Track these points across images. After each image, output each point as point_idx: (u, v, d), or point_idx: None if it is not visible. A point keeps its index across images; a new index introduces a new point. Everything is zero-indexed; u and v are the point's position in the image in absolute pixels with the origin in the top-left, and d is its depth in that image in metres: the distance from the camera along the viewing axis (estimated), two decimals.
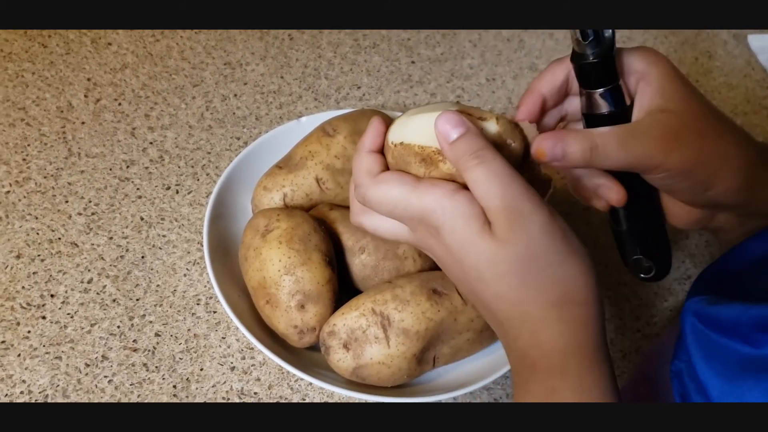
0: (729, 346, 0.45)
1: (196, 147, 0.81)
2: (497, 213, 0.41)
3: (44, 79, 0.85)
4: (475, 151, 0.42)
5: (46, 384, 0.61)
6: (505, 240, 0.41)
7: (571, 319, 0.42)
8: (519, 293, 0.42)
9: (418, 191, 0.44)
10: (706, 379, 0.46)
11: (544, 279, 0.42)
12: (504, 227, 0.41)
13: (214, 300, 0.68)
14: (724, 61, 1.01)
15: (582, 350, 0.42)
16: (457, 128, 0.43)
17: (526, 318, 0.43)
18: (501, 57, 0.97)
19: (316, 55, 0.94)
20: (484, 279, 0.43)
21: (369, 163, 0.47)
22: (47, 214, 0.72)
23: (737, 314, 0.45)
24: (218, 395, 0.62)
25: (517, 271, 0.42)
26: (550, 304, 0.42)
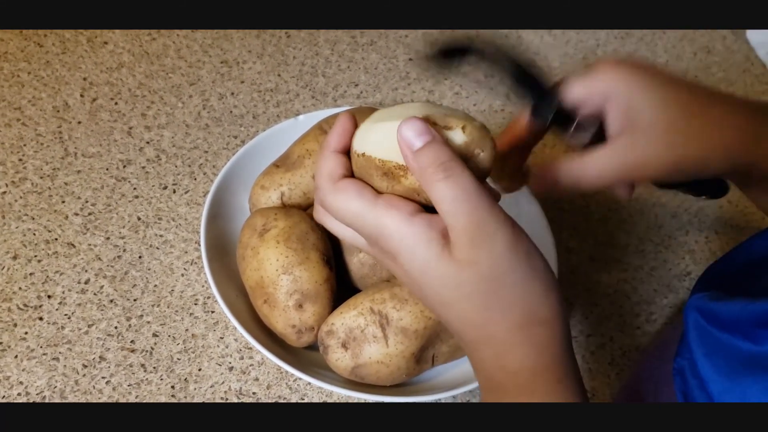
0: (730, 342, 0.45)
1: (193, 146, 0.80)
2: (460, 233, 0.40)
3: (40, 78, 0.85)
4: (441, 163, 0.40)
5: (44, 385, 0.61)
6: (467, 261, 0.40)
7: (535, 339, 0.41)
8: (482, 315, 0.41)
9: (376, 210, 0.42)
10: (707, 375, 0.46)
11: (508, 299, 0.41)
12: (466, 248, 0.40)
13: (212, 300, 0.68)
14: (723, 56, 1.00)
15: (549, 369, 0.42)
16: (422, 137, 0.40)
17: (490, 341, 0.42)
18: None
19: (314, 53, 0.93)
20: (446, 302, 0.42)
21: (331, 166, 0.45)
22: (44, 214, 0.72)
23: (738, 310, 0.45)
24: (216, 395, 0.62)
25: (480, 293, 0.40)
26: (514, 326, 0.41)
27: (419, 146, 0.40)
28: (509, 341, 0.42)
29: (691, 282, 0.75)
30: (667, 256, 0.77)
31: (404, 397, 0.58)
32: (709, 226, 0.80)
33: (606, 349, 0.69)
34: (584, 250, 0.76)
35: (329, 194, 0.44)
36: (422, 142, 0.40)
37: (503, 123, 0.87)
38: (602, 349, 0.69)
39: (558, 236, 0.69)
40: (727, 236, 0.79)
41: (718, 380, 0.45)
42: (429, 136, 0.40)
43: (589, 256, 0.76)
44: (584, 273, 0.74)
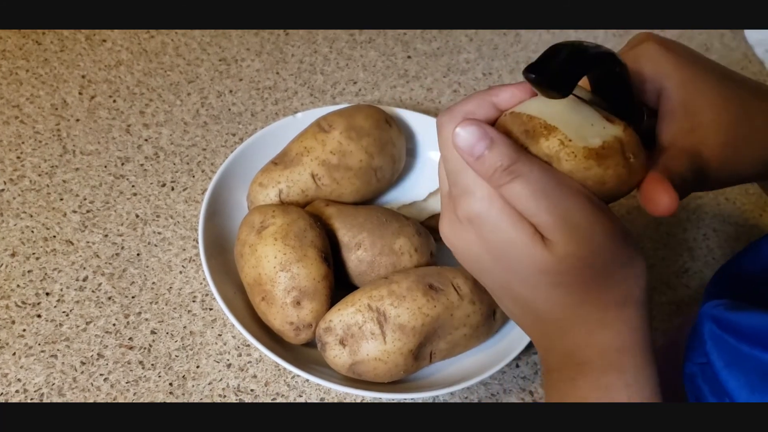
0: (751, 354, 0.45)
1: (192, 144, 0.80)
2: (551, 229, 0.38)
3: (38, 76, 0.85)
4: (507, 166, 0.37)
5: (42, 382, 0.61)
6: (566, 254, 0.39)
7: (628, 319, 0.42)
8: (577, 298, 0.41)
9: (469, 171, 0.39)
10: (733, 389, 0.45)
11: (607, 284, 0.41)
12: (564, 243, 0.38)
13: (210, 297, 0.68)
14: (721, 53, 1.00)
15: (637, 349, 0.42)
16: (481, 141, 0.38)
17: (579, 319, 0.42)
18: (497, 51, 0.97)
19: (312, 51, 0.93)
20: (532, 283, 0.41)
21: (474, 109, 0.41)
22: (42, 212, 0.72)
23: (760, 322, 0.44)
24: (215, 392, 0.62)
25: (578, 282, 0.40)
26: (609, 306, 0.41)
27: (479, 153, 0.38)
28: (601, 320, 0.42)
29: (689, 279, 0.75)
30: (666, 254, 0.77)
31: (402, 394, 0.59)
32: (707, 223, 0.80)
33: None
34: None
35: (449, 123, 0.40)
36: (484, 146, 0.38)
37: None
38: None
39: None
40: (725, 233, 0.79)
41: (744, 395, 0.44)
42: (488, 140, 0.38)
43: None
44: None
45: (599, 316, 0.42)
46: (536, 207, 0.38)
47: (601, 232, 0.39)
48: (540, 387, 0.65)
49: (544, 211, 0.38)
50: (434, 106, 0.89)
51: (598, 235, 0.39)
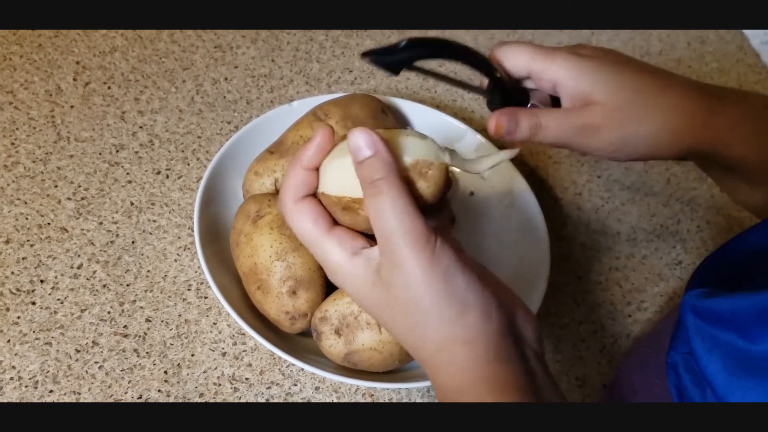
0: (727, 339, 0.45)
1: (187, 131, 0.80)
2: (382, 253, 0.42)
3: (32, 62, 0.84)
4: (377, 179, 0.41)
5: (36, 370, 0.61)
6: (388, 284, 0.41)
7: (458, 360, 0.42)
8: (409, 337, 0.43)
9: (324, 243, 0.44)
10: (711, 373, 0.45)
11: (425, 324, 0.41)
12: (386, 269, 0.41)
13: (205, 285, 0.68)
14: (717, 46, 1.00)
15: (476, 386, 0.42)
16: (368, 148, 0.41)
17: (423, 362, 0.44)
18: (493, 41, 0.97)
19: (308, 39, 0.93)
20: (386, 324, 0.44)
21: (296, 183, 0.45)
22: (36, 198, 0.72)
23: (734, 305, 0.45)
24: (209, 381, 0.62)
25: (402, 316, 0.42)
26: (434, 349, 0.42)
27: (362, 158, 0.42)
28: (435, 363, 0.43)
29: (682, 271, 0.75)
30: (659, 245, 0.77)
31: (397, 384, 0.59)
32: (701, 215, 0.80)
33: (597, 337, 0.69)
34: (576, 238, 0.77)
35: (288, 212, 0.45)
36: (367, 153, 0.41)
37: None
38: (593, 336, 0.69)
39: (551, 224, 0.69)
40: (719, 225, 0.80)
41: (722, 378, 0.45)
42: (373, 149, 0.41)
43: (581, 244, 0.76)
44: (576, 261, 0.75)
45: (430, 360, 0.43)
46: (378, 225, 0.41)
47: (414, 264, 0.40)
48: None
49: (381, 232, 0.41)
50: (430, 95, 0.89)
51: (411, 269, 0.40)
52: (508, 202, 0.73)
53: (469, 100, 0.89)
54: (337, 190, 0.44)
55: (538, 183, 0.80)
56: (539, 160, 0.83)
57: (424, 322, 0.41)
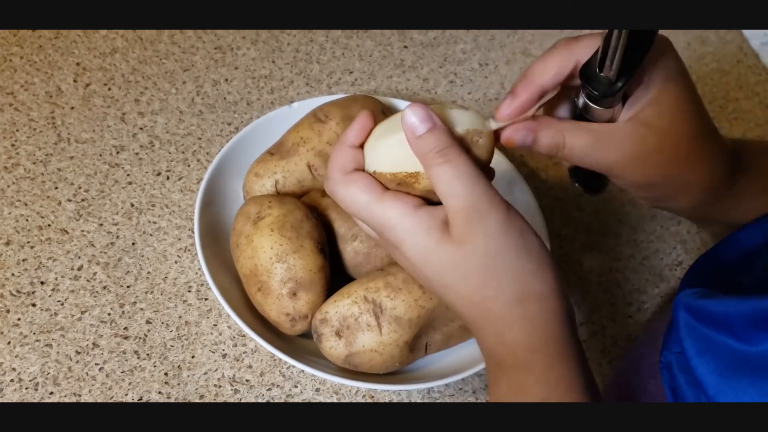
0: (721, 341, 0.45)
1: (187, 132, 0.80)
2: (456, 213, 0.42)
3: (33, 63, 0.84)
4: (441, 149, 0.42)
5: (37, 372, 0.61)
6: (462, 240, 0.42)
7: (532, 314, 0.43)
8: (480, 293, 0.43)
9: (382, 204, 0.44)
10: (703, 375, 0.46)
11: (503, 276, 0.42)
12: (461, 227, 0.42)
13: (206, 287, 0.68)
14: (717, 46, 1.00)
15: (547, 345, 0.43)
16: (424, 123, 0.42)
17: (489, 317, 0.43)
18: (494, 42, 0.97)
19: (308, 40, 0.93)
20: (448, 284, 0.44)
21: (344, 159, 0.46)
22: (36, 200, 0.72)
23: (729, 308, 0.45)
24: (210, 382, 0.62)
25: (476, 270, 0.42)
26: (510, 302, 0.43)
27: (421, 132, 0.42)
28: (507, 317, 0.43)
29: (682, 272, 0.75)
30: (659, 246, 0.77)
31: (397, 386, 0.59)
32: None
33: (597, 338, 0.69)
34: (577, 239, 0.77)
35: (339, 185, 0.46)
36: (424, 128, 0.42)
37: None
38: (594, 337, 0.69)
39: (551, 224, 0.69)
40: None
41: (713, 380, 0.45)
42: (431, 123, 0.42)
43: (581, 245, 0.76)
44: (576, 261, 0.75)
45: (503, 314, 0.43)
46: (455, 191, 0.42)
47: (494, 220, 0.42)
48: None
49: (458, 195, 0.42)
50: (430, 96, 0.89)
51: (491, 222, 0.42)
52: None
53: (469, 101, 0.89)
54: (391, 167, 0.45)
55: (538, 184, 0.80)
56: (539, 161, 0.82)
57: (501, 274, 0.42)
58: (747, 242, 0.55)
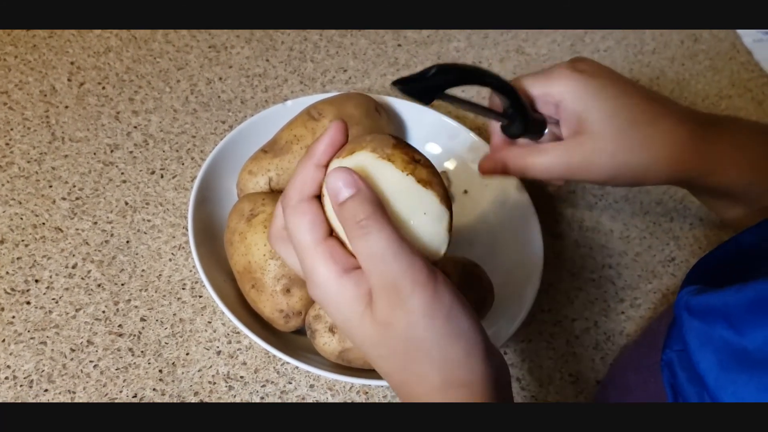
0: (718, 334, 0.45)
1: (181, 131, 0.80)
2: (377, 292, 0.40)
3: (27, 62, 0.84)
4: (360, 220, 0.39)
5: (31, 369, 0.61)
6: (384, 321, 0.40)
7: (455, 400, 0.41)
8: (401, 376, 0.42)
9: (315, 254, 0.42)
10: (704, 369, 0.46)
11: (425, 363, 0.41)
12: (383, 309, 0.40)
13: (200, 284, 0.68)
14: (710, 44, 1.01)
15: None
16: (347, 189, 0.40)
17: (412, 395, 0.42)
18: (487, 40, 0.97)
19: (302, 38, 0.93)
20: (370, 358, 0.43)
21: (304, 181, 0.43)
22: (31, 198, 0.72)
23: (728, 298, 0.45)
24: (204, 379, 0.62)
25: (397, 354, 0.41)
26: (432, 389, 0.41)
27: (342, 200, 0.40)
28: (429, 399, 0.42)
29: (675, 267, 0.75)
30: (652, 242, 0.78)
31: None
32: (694, 212, 0.81)
33: (590, 334, 0.70)
34: (570, 236, 0.77)
35: (288, 210, 0.43)
36: (347, 194, 0.40)
37: None
38: (587, 333, 0.70)
39: (544, 222, 0.69)
40: (711, 223, 0.80)
41: (714, 374, 0.45)
42: (353, 189, 0.40)
43: (574, 242, 0.76)
44: (569, 258, 0.75)
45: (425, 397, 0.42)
46: (371, 268, 0.40)
47: (421, 305, 0.39)
48: (528, 374, 0.66)
49: (375, 274, 0.39)
50: None
51: (414, 306, 0.39)
52: (501, 201, 0.73)
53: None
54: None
55: (531, 181, 0.81)
56: None
57: (423, 361, 0.40)
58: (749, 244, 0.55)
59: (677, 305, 0.51)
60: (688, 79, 0.95)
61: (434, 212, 0.41)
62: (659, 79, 0.95)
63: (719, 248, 0.57)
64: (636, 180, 0.55)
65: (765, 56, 0.99)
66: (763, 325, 0.41)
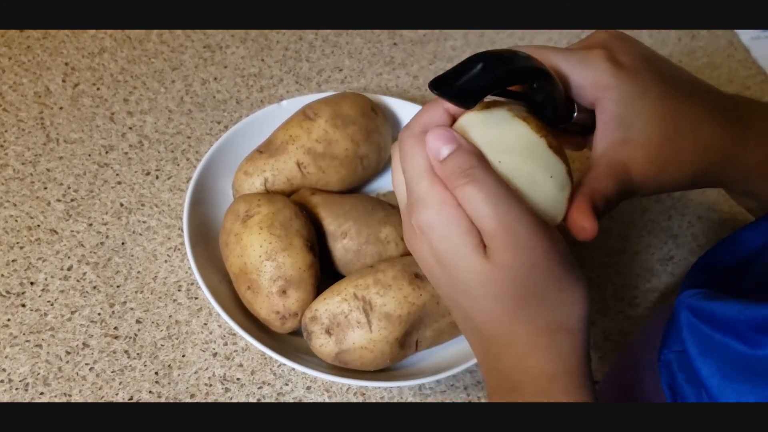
0: (724, 342, 0.45)
1: (176, 131, 0.80)
2: (493, 235, 0.39)
3: (21, 63, 0.84)
4: (465, 169, 0.39)
5: (27, 372, 0.61)
6: (502, 265, 0.40)
7: (560, 346, 0.42)
8: (511, 315, 0.42)
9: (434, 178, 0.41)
10: (705, 377, 0.45)
11: (539, 306, 0.41)
12: (501, 252, 0.39)
13: (196, 286, 0.68)
14: (708, 40, 1.00)
15: (568, 377, 0.42)
16: (448, 145, 0.40)
17: (514, 340, 0.42)
18: (484, 38, 0.97)
19: (297, 38, 0.93)
20: (473, 294, 0.42)
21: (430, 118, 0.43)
22: (26, 200, 0.72)
23: (734, 313, 0.44)
24: (200, 381, 0.62)
25: (512, 296, 0.41)
26: (541, 330, 0.42)
27: (444, 155, 0.40)
28: (534, 344, 0.42)
29: (673, 266, 0.75)
30: (650, 241, 0.77)
31: (388, 383, 0.59)
32: (692, 210, 0.80)
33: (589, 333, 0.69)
34: (568, 234, 0.76)
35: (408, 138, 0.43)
36: (448, 150, 0.40)
37: None
38: None
39: None
40: (710, 221, 0.80)
41: (716, 382, 0.45)
42: (454, 144, 0.40)
43: (572, 241, 0.76)
44: None
45: (531, 340, 0.42)
46: (485, 212, 0.39)
47: (540, 249, 0.40)
48: None
49: (490, 217, 0.39)
50: (420, 93, 0.89)
51: (537, 251, 0.40)
52: None
53: None
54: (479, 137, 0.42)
55: None
56: None
57: (538, 303, 0.41)
58: (749, 242, 0.54)
59: (678, 306, 0.51)
60: None
61: (560, 178, 0.42)
62: None
63: (718, 246, 0.57)
64: (677, 188, 0.49)
65: (762, 53, 0.99)
66: None
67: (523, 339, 0.42)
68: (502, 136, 0.41)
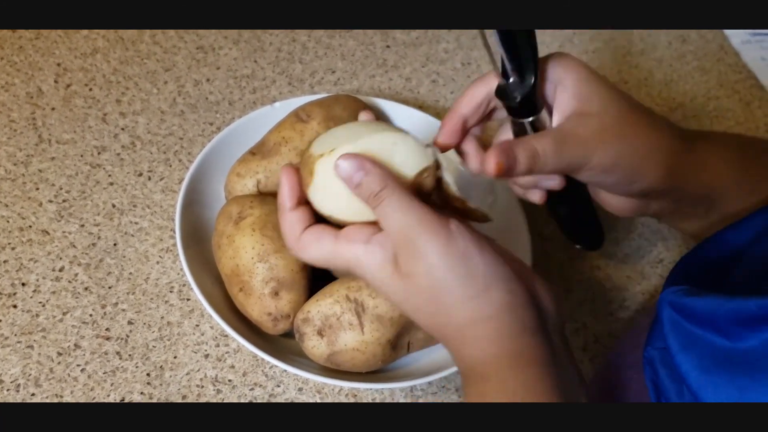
0: (705, 337, 0.45)
1: (169, 133, 0.80)
2: (398, 250, 0.44)
3: (13, 64, 0.84)
4: (375, 193, 0.44)
5: (18, 373, 0.61)
6: (407, 274, 0.44)
7: (482, 334, 0.44)
8: (434, 321, 0.45)
9: (338, 249, 0.46)
10: (686, 370, 0.46)
11: (449, 306, 0.44)
12: (405, 262, 0.44)
13: (188, 287, 0.68)
14: (698, 45, 1.01)
15: (501, 358, 0.44)
16: (358, 172, 0.44)
17: (447, 338, 0.46)
18: (476, 41, 0.97)
19: (290, 39, 0.93)
20: (407, 311, 0.46)
21: (290, 226, 0.48)
22: (17, 201, 0.71)
23: (713, 307, 0.45)
24: (192, 383, 0.62)
25: (425, 303, 0.44)
26: (461, 326, 0.44)
27: (357, 182, 0.44)
28: (460, 339, 0.45)
29: (663, 269, 0.76)
30: (641, 243, 0.78)
31: (380, 384, 0.59)
32: None
33: (579, 335, 0.70)
34: (558, 237, 0.77)
35: (298, 252, 0.48)
36: (358, 178, 0.44)
37: None
38: (576, 335, 0.70)
39: (533, 223, 0.70)
40: None
41: (695, 375, 0.45)
42: (362, 171, 0.44)
43: (563, 243, 0.76)
44: (558, 260, 0.75)
45: (455, 336, 0.45)
46: (391, 226, 0.44)
47: (434, 251, 0.43)
48: None
49: (395, 230, 0.44)
50: (413, 96, 0.89)
51: (430, 252, 0.43)
52: (489, 202, 0.73)
53: (452, 99, 0.89)
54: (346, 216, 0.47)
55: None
56: None
57: (448, 303, 0.44)
58: (731, 241, 0.55)
59: (660, 303, 0.51)
60: (676, 80, 0.95)
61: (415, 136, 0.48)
62: (647, 80, 0.95)
63: (701, 246, 0.57)
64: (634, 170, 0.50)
65: (752, 57, 1.00)
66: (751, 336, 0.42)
67: (451, 337, 0.45)
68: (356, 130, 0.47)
